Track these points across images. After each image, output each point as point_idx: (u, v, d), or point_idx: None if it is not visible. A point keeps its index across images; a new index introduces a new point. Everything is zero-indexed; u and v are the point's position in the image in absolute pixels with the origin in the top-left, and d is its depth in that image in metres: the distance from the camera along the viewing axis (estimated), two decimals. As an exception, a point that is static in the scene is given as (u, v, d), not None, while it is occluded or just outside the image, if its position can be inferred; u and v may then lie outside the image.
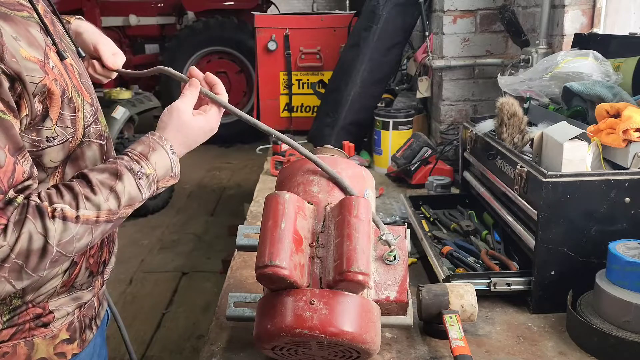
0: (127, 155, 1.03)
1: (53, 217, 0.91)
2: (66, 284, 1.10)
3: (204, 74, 1.20)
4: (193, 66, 1.19)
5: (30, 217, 0.89)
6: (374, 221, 1.11)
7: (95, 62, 1.31)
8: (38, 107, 0.93)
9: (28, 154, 0.93)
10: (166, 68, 1.28)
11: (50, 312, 1.08)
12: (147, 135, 1.09)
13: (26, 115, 0.92)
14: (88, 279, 1.15)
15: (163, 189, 1.09)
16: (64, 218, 0.91)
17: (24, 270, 0.89)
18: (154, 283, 4.03)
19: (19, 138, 0.91)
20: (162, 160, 1.05)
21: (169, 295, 3.87)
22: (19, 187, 0.91)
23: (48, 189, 0.96)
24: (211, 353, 1.24)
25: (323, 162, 1.17)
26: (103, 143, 1.12)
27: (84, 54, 1.18)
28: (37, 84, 0.91)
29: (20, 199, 0.90)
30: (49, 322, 1.09)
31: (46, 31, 0.99)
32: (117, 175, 0.99)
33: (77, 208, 0.93)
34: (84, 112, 1.04)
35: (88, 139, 1.07)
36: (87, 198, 0.95)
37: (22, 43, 0.91)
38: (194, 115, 1.12)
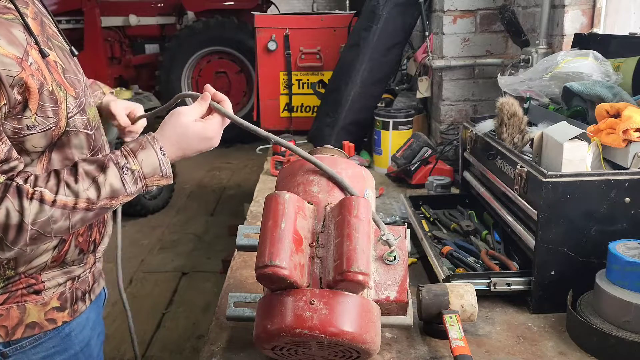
0: (120, 150, 1.12)
1: (31, 198, 1.01)
2: (57, 259, 1.19)
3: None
4: (208, 84, 1.27)
5: (10, 195, 1.00)
6: (374, 221, 1.11)
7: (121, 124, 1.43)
8: (17, 97, 1.01)
9: (6, 138, 1.02)
10: (184, 93, 1.35)
11: (42, 282, 1.19)
12: (145, 134, 1.16)
13: (4, 104, 1.00)
14: (79, 256, 1.24)
15: (154, 187, 1.15)
16: (41, 200, 1.02)
17: (4, 242, 1.01)
18: (154, 283, 4.03)
19: None
20: (149, 158, 1.12)
21: (169, 295, 3.87)
22: (3, 167, 1.01)
23: (40, 174, 1.06)
24: (211, 353, 1.24)
25: (324, 165, 1.17)
26: (90, 132, 1.20)
27: (76, 53, 1.27)
28: (14, 77, 1.00)
29: (2, 179, 1.01)
30: (41, 290, 1.19)
31: (29, 32, 1.07)
32: (103, 168, 1.08)
33: (56, 193, 1.03)
34: (66, 104, 1.12)
35: (74, 129, 1.14)
36: (67, 185, 1.04)
37: (1, 42, 1.00)
38: (194, 121, 1.19)
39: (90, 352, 1.33)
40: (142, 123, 1.47)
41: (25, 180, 1.03)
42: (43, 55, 1.08)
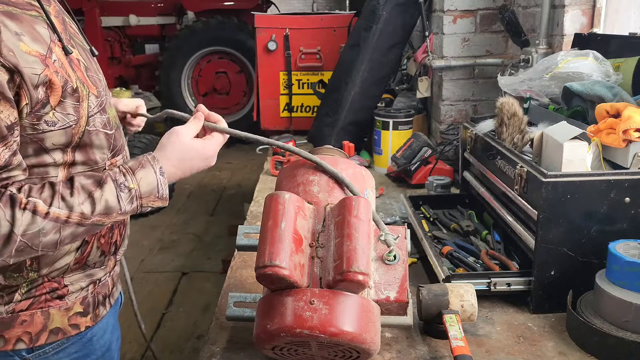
0: (119, 168, 1.11)
1: (24, 208, 0.98)
2: (79, 261, 1.17)
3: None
4: (200, 104, 1.28)
5: (2, 204, 0.97)
6: (374, 221, 1.11)
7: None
8: (41, 95, 0.99)
9: (13, 143, 0.99)
10: (171, 111, 1.37)
11: (65, 286, 1.17)
12: (144, 154, 1.15)
13: (26, 104, 0.98)
14: (100, 258, 1.23)
15: (149, 208, 1.13)
16: (34, 212, 0.98)
17: None
18: (154, 283, 4.03)
19: (3, 128, 0.96)
20: (147, 177, 1.11)
21: (169, 295, 3.87)
22: (1, 175, 0.98)
23: (34, 183, 1.04)
24: (211, 353, 1.24)
25: (326, 164, 1.17)
26: (110, 132, 1.18)
27: (96, 53, 1.26)
28: (39, 75, 0.98)
29: None
30: (64, 295, 1.17)
31: (53, 28, 1.06)
32: (100, 183, 1.06)
33: (50, 205, 1.00)
34: (88, 102, 1.10)
35: (94, 128, 1.12)
36: (62, 198, 1.02)
37: (25, 38, 0.98)
38: (193, 139, 1.19)
39: (111, 356, 1.32)
40: (142, 119, 1.46)
41: (19, 190, 1.00)
42: (66, 52, 1.07)
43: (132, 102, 1.43)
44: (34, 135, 1.03)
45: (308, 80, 3.29)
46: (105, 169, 1.15)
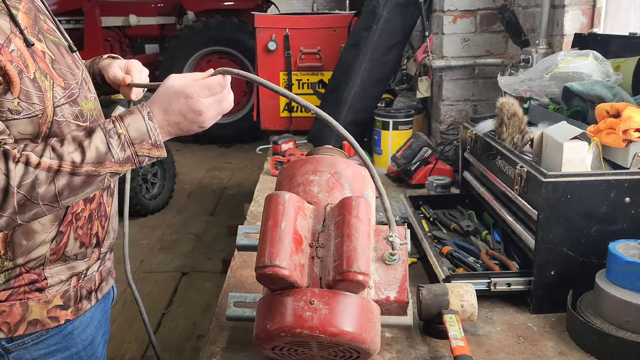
0: (110, 117, 1.12)
1: (17, 161, 1.02)
2: (56, 252, 1.19)
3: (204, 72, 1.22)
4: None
5: None
6: (387, 220, 1.09)
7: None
8: None
9: None
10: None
11: (45, 278, 1.20)
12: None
13: None
14: (81, 250, 1.24)
15: (146, 157, 1.10)
16: (27, 163, 1.02)
17: None
18: (154, 283, 4.03)
19: None
20: (135, 122, 1.09)
21: (169, 295, 3.87)
22: None
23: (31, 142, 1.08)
24: (211, 353, 1.24)
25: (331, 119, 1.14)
26: (83, 125, 1.19)
27: (75, 49, 1.28)
28: None
29: None
30: (43, 288, 1.20)
31: (14, 22, 1.10)
32: (89, 133, 1.08)
33: (42, 156, 1.03)
34: (53, 93, 1.12)
35: (64, 119, 1.15)
36: (53, 148, 1.04)
37: None
38: (190, 82, 1.13)
39: (94, 351, 1.34)
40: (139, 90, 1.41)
41: (13, 148, 1.04)
42: (27, 44, 1.10)
43: (119, 72, 1.37)
44: None
45: (308, 80, 3.29)
46: None
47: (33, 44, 1.11)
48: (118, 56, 1.49)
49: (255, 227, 1.23)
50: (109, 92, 1.47)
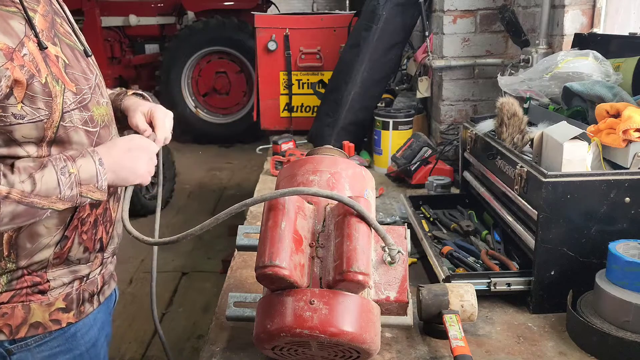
0: (59, 155, 1.12)
1: None
2: (59, 256, 1.20)
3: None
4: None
5: None
6: (380, 236, 1.08)
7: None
8: (2, 86, 1.03)
9: None
10: None
11: (47, 281, 1.20)
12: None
13: None
14: (85, 255, 1.25)
15: (88, 199, 1.14)
16: None
17: None
18: (154, 283, 4.03)
19: None
20: (87, 165, 1.12)
21: (169, 295, 3.87)
22: None
23: None
24: (211, 353, 1.24)
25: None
26: (93, 130, 1.21)
27: (90, 53, 1.28)
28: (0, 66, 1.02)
29: None
30: (46, 290, 1.20)
31: (30, 25, 1.10)
32: (41, 166, 1.08)
33: None
34: (63, 98, 1.13)
35: (72, 124, 1.15)
36: (4, 175, 1.05)
37: None
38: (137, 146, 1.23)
39: (97, 353, 1.34)
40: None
41: None
42: (41, 47, 1.10)
43: (141, 123, 1.34)
44: (1, 127, 1.07)
45: (308, 80, 3.29)
46: None
47: (46, 48, 1.11)
48: (143, 94, 1.46)
49: (255, 227, 1.23)
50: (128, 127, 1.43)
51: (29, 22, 1.10)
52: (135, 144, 1.23)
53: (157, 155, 1.32)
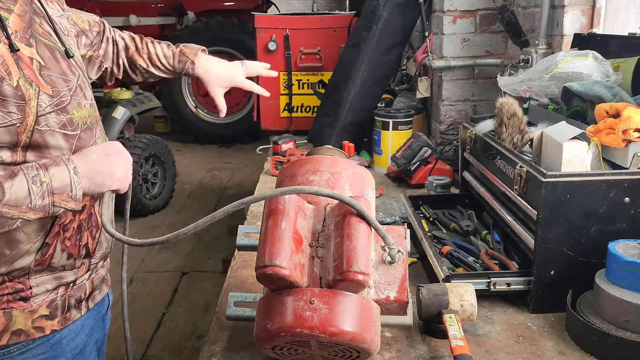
0: (32, 163, 1.08)
1: None
2: (41, 262, 1.16)
3: None
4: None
5: None
6: (380, 236, 1.08)
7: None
8: None
9: None
10: None
11: (30, 287, 1.16)
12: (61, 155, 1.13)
13: None
14: (69, 261, 1.21)
15: (61, 209, 1.10)
16: None
17: None
18: (154, 283, 4.03)
19: None
20: (60, 174, 1.08)
21: (169, 295, 3.87)
22: None
23: None
24: (211, 353, 1.24)
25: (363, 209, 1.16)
26: (72, 133, 1.16)
27: (71, 54, 1.23)
28: None
29: None
30: (28, 297, 1.17)
31: (2, 25, 1.06)
32: (12, 175, 1.04)
33: None
34: (37, 101, 1.08)
35: (48, 128, 1.11)
36: None
37: None
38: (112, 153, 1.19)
39: (85, 359, 1.31)
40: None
41: None
42: (12, 49, 1.06)
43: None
44: None
45: (308, 80, 3.29)
46: None
47: (18, 50, 1.07)
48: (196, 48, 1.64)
49: (256, 227, 1.23)
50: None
51: (1, 23, 1.06)
52: (113, 148, 1.18)
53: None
